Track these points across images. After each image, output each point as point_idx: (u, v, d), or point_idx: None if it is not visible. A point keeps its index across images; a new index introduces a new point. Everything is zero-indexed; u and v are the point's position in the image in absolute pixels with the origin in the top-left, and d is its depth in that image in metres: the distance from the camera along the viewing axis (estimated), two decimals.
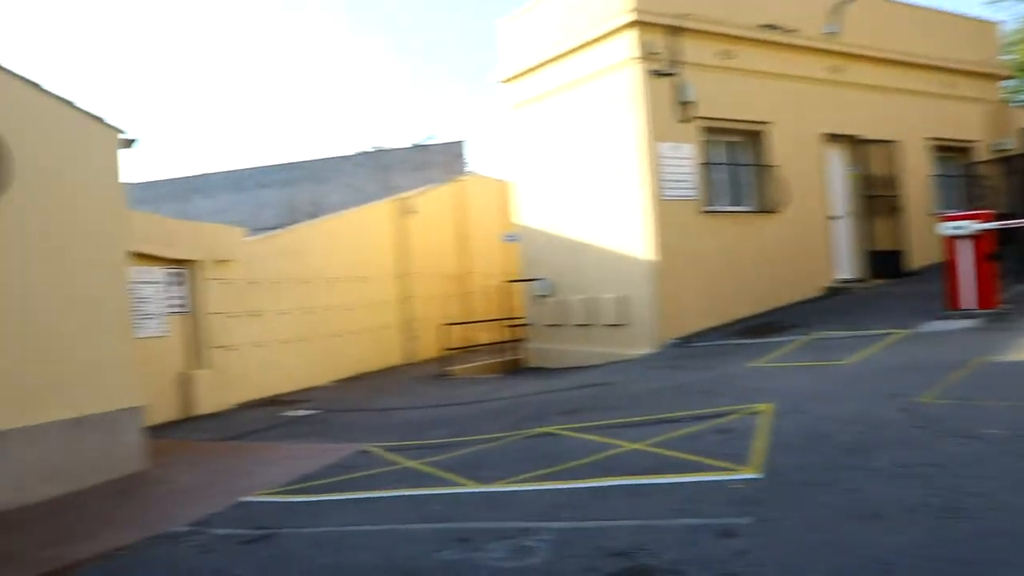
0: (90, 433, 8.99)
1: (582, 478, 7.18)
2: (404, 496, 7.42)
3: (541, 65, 18.00)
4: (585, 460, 7.79)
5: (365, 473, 8.60)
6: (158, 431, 12.09)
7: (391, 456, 9.30)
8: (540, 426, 9.80)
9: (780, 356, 12.13)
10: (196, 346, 14.64)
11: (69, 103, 9.04)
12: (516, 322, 20.38)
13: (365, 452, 9.72)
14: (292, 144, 66.60)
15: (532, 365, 18.88)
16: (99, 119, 9.38)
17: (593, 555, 5.29)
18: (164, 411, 13.58)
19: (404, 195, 22.16)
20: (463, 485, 7.55)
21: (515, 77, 19.00)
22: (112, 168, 9.58)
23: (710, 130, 16.28)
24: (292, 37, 71.35)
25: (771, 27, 16.81)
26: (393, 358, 20.59)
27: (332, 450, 10.06)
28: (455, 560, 5.51)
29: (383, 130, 67.27)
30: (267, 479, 8.77)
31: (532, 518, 6.21)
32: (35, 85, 8.70)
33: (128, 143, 9.73)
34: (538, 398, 12.50)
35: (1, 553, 6.55)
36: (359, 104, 70.55)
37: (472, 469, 8.10)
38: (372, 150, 28.35)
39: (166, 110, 68.00)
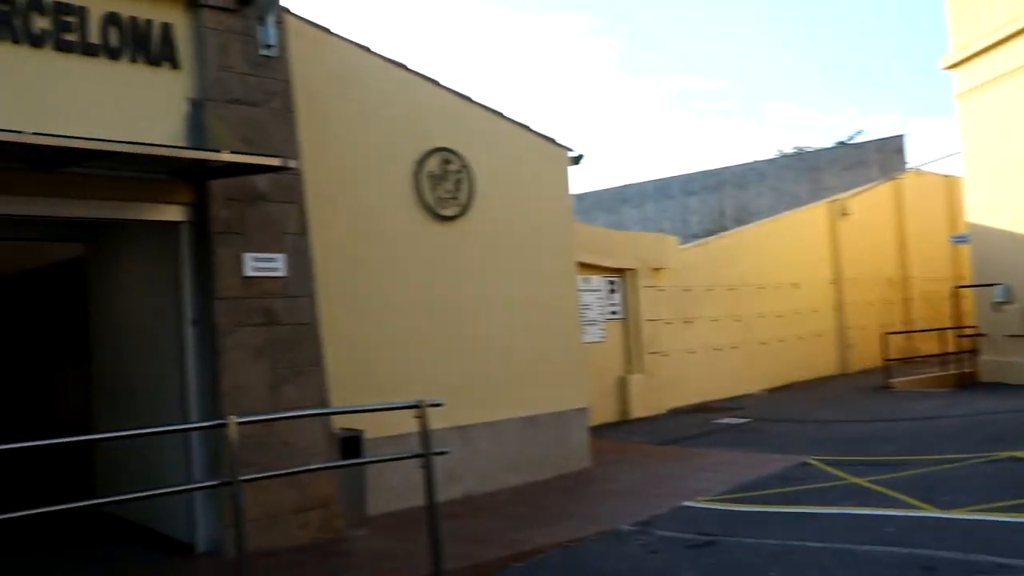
0: (543, 430, 9.70)
1: None
2: (853, 515, 7.05)
3: (996, 44, 16.15)
4: None
5: (807, 487, 8.31)
6: (597, 432, 12.70)
7: (834, 471, 8.90)
8: (1008, 449, 8.78)
9: None
10: (631, 352, 15.21)
11: (525, 127, 9.87)
12: (967, 332, 18.53)
13: (805, 464, 9.41)
14: (716, 150, 66.86)
15: (987, 380, 17.01)
16: (551, 140, 10.13)
17: None
18: (602, 413, 14.23)
19: (837, 197, 21.18)
20: (919, 508, 6.99)
21: (964, 61, 17.27)
22: (562, 184, 10.30)
23: None
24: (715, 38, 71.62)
25: None
26: (826, 367, 19.73)
27: (770, 460, 9.87)
28: None
29: (806, 129, 64.99)
30: (705, 485, 8.83)
31: (1008, 553, 5.56)
32: (496, 112, 9.61)
33: (575, 160, 10.38)
34: (1002, 417, 11.23)
35: (475, 534, 7.29)
36: (780, 105, 68.86)
37: (928, 492, 7.47)
38: (793, 151, 27.49)
39: (595, 122, 71.79)
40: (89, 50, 6.32)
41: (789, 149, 26.96)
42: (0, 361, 8.89)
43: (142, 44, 6.59)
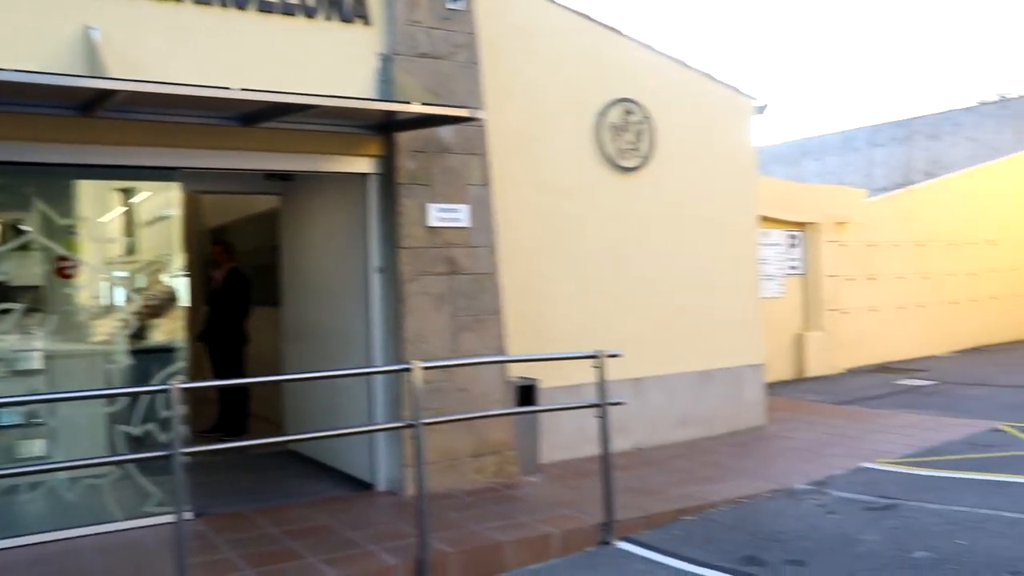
0: (716, 385, 9.59)
1: None
2: None
3: None
4: None
5: (999, 454, 7.91)
6: (771, 389, 12.33)
7: None
8: None
9: None
10: (810, 308, 14.74)
11: (708, 76, 9.62)
12: None
13: (997, 431, 8.94)
14: (907, 98, 62.85)
15: None
16: (735, 89, 9.84)
17: None
18: (777, 371, 13.88)
19: None
20: None
21: None
22: (745, 136, 10.00)
23: None
24: None
25: None
26: None
27: (956, 425, 9.44)
28: None
29: (1013, 75, 59.92)
30: (886, 447, 8.55)
31: None
32: (679, 62, 9.39)
33: (759, 110, 10.04)
34: None
35: (645, 486, 7.34)
36: (982, 49, 63.83)
37: None
38: (998, 99, 25.54)
39: (775, 71, 68.94)
40: (288, 10, 6.62)
41: (994, 97, 24.99)
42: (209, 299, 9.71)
43: (336, 2, 6.84)
